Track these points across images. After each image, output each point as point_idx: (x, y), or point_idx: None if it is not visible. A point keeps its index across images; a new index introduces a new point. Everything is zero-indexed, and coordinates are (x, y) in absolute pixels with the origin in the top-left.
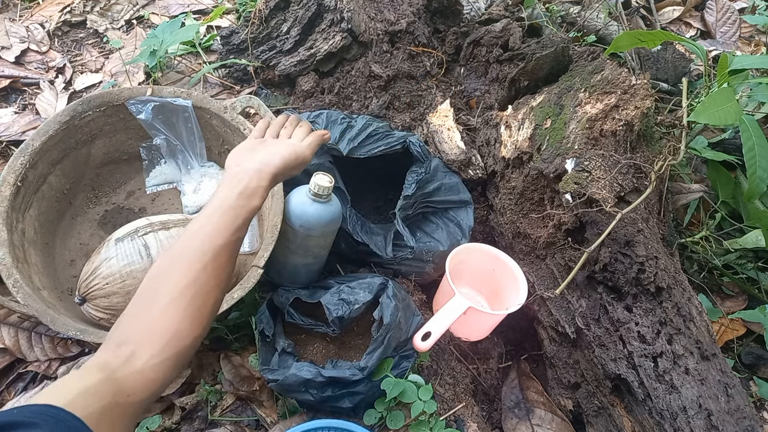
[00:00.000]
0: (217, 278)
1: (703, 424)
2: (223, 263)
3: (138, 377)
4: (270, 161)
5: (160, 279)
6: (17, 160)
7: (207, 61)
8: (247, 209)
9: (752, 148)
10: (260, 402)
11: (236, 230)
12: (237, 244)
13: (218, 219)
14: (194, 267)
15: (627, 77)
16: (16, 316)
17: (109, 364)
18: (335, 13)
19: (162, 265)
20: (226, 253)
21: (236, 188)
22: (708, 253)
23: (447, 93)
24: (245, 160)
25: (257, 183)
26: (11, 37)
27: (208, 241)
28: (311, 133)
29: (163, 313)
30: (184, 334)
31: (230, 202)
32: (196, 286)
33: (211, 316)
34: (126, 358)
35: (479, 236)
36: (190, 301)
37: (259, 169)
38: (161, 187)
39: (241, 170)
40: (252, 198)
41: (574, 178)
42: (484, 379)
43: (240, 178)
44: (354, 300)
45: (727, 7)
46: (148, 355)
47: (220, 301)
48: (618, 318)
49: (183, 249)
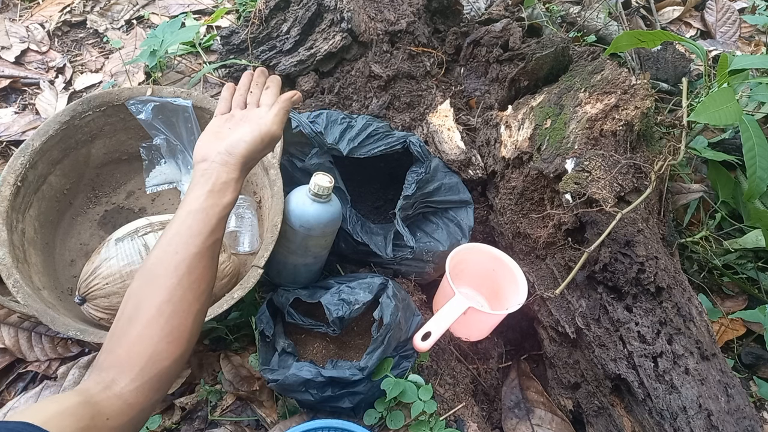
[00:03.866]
0: (195, 290)
1: (703, 424)
2: (201, 274)
3: (116, 401)
4: (235, 150)
5: (138, 297)
6: (17, 160)
7: (207, 61)
8: (219, 207)
9: (752, 148)
10: (260, 402)
11: (210, 233)
12: (214, 247)
13: (190, 224)
14: (169, 282)
15: (627, 77)
16: (16, 316)
17: (88, 389)
18: (335, 13)
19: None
20: (203, 262)
21: (205, 186)
22: (708, 253)
23: (447, 93)
24: (210, 150)
25: (226, 177)
26: (11, 37)
27: (181, 252)
28: (279, 99)
29: (140, 335)
30: (163, 356)
31: (201, 203)
32: (172, 303)
33: (193, 333)
34: (106, 384)
35: (479, 236)
36: (167, 320)
37: (225, 161)
38: (161, 187)
39: (208, 165)
40: (223, 194)
41: (574, 178)
42: (484, 379)
43: (208, 176)
44: (354, 300)
45: (727, 7)
46: (127, 380)
47: (203, 314)
48: (618, 318)
49: (157, 262)
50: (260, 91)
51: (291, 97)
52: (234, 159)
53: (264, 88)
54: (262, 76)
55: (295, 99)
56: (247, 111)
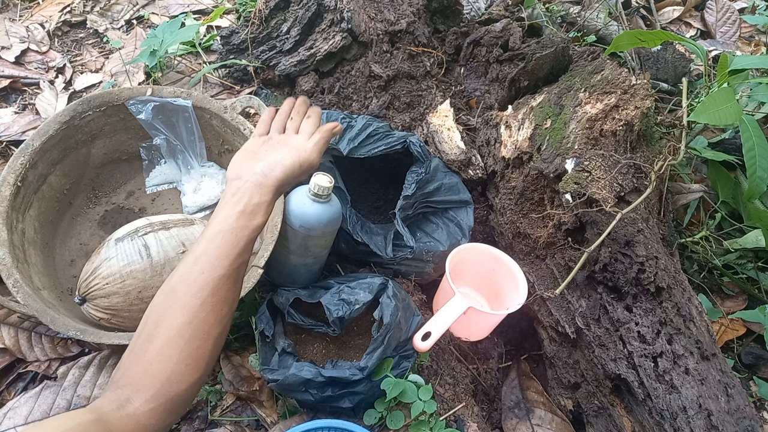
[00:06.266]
0: (217, 314)
1: (703, 424)
2: (224, 296)
3: (129, 421)
4: (271, 173)
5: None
6: (17, 160)
7: (207, 61)
8: (249, 229)
9: (752, 148)
10: (260, 402)
11: (238, 255)
12: (240, 270)
13: (219, 244)
14: (192, 303)
15: (627, 77)
16: (16, 316)
17: (102, 407)
18: (335, 13)
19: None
20: (227, 284)
21: (237, 206)
22: (708, 253)
23: (447, 93)
24: (246, 170)
25: (259, 198)
26: (11, 37)
27: (207, 273)
28: (320, 128)
29: (158, 355)
30: (180, 378)
31: (231, 223)
32: (194, 324)
33: (211, 357)
34: (120, 403)
35: (479, 236)
36: (188, 341)
37: (259, 182)
38: (161, 187)
39: (241, 184)
40: (254, 216)
41: (574, 178)
42: (484, 379)
43: (241, 195)
44: (354, 300)
45: (727, 7)
46: (141, 400)
47: (222, 338)
48: (618, 318)
49: (181, 280)
50: (301, 118)
51: (332, 129)
52: (269, 181)
53: (305, 117)
54: (304, 105)
55: (336, 130)
56: (286, 136)
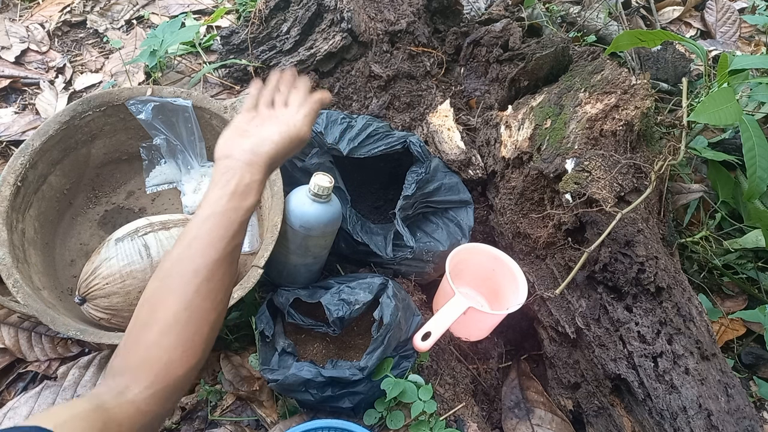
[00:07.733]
0: (213, 299)
1: (703, 424)
2: (219, 280)
3: (129, 408)
4: (261, 150)
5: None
6: (17, 160)
7: (207, 61)
8: (242, 211)
9: (752, 148)
10: (260, 402)
11: (232, 238)
12: (234, 253)
13: (211, 227)
14: (187, 289)
15: (627, 77)
16: (16, 316)
17: (101, 395)
18: (335, 13)
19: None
20: (222, 268)
21: (227, 187)
22: (708, 253)
23: (447, 93)
24: (235, 148)
25: (250, 178)
26: (11, 37)
27: (200, 257)
28: (308, 99)
29: (155, 342)
30: (177, 365)
31: (222, 205)
32: (189, 311)
33: (207, 343)
34: (119, 390)
35: (479, 236)
36: (184, 328)
37: (249, 160)
38: (161, 187)
39: (231, 163)
40: (246, 196)
41: (574, 178)
42: (484, 379)
43: (231, 175)
44: (354, 300)
45: (727, 7)
46: (140, 387)
47: (219, 323)
48: (618, 318)
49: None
50: (288, 89)
51: (320, 98)
52: (260, 159)
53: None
54: (291, 76)
55: (324, 98)
56: (275, 110)
